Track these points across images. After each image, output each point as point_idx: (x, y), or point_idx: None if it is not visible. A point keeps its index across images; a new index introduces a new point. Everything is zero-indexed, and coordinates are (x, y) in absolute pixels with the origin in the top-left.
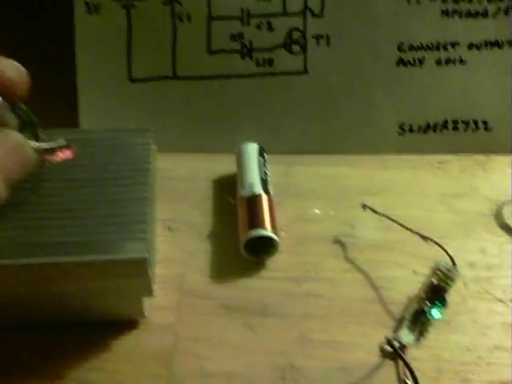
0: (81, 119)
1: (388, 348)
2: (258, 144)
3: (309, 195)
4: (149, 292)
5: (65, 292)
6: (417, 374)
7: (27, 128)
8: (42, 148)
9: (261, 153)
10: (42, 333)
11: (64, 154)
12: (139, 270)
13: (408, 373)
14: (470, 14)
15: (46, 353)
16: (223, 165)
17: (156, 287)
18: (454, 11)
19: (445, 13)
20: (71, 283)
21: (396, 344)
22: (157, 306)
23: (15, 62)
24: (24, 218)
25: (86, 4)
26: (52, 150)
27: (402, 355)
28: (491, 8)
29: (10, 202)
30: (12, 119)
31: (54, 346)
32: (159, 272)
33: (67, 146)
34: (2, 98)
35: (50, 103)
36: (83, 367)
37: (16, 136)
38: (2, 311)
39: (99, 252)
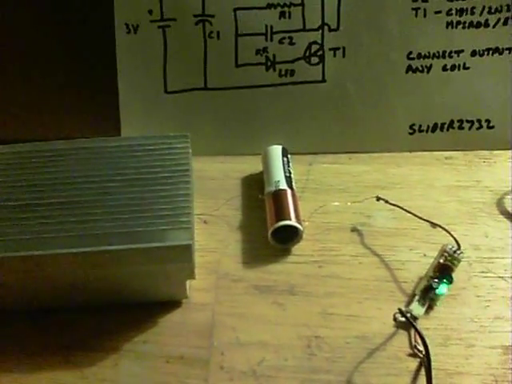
0: (122, 127)
1: (401, 318)
2: (282, 146)
3: (328, 190)
4: (191, 275)
5: (120, 276)
6: (427, 340)
7: None
8: None
9: (284, 154)
10: (98, 312)
11: None
12: (184, 255)
13: (419, 340)
14: (473, 25)
15: (104, 329)
16: (250, 165)
17: (195, 272)
18: (458, 22)
19: (449, 24)
20: (126, 268)
21: (408, 315)
22: (196, 288)
23: None
24: (83, 213)
25: (126, 25)
26: None
27: (413, 323)
28: (492, 19)
29: (70, 200)
30: None
31: (110, 323)
32: (197, 259)
33: None
34: None
35: (94, 114)
36: (136, 341)
37: None
38: (64, 294)
39: (151, 240)
